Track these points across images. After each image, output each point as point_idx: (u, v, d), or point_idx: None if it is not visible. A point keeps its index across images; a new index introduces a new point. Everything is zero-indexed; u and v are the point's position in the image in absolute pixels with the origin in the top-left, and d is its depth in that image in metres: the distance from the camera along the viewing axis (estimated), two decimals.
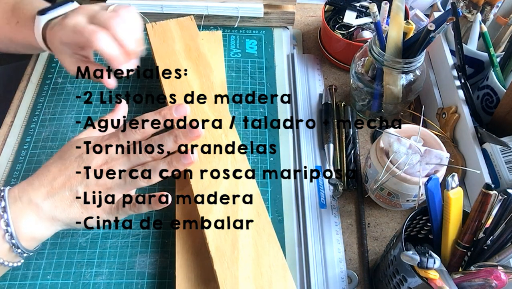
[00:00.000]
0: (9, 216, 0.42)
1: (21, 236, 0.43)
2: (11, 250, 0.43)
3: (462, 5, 0.62)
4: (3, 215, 0.42)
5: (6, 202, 0.43)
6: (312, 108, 0.65)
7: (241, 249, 0.46)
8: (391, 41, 0.54)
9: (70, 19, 0.51)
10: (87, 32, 0.49)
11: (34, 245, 0.45)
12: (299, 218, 0.55)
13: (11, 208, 0.43)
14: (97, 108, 0.63)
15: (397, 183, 0.49)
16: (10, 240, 0.42)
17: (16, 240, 0.42)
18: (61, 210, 0.44)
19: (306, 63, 0.71)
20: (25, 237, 0.43)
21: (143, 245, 0.52)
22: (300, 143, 0.61)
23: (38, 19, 0.54)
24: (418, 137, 0.49)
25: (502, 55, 0.58)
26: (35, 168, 0.57)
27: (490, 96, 0.57)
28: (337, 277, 0.51)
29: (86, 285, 0.49)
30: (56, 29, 0.53)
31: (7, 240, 0.42)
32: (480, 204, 0.39)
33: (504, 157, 0.51)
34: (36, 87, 0.66)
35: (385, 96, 0.59)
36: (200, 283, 0.47)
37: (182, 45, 0.62)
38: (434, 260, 0.38)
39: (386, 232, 0.55)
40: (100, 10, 0.52)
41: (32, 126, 0.61)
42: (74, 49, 0.54)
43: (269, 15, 0.72)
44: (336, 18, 0.71)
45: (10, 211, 0.43)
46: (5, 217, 0.42)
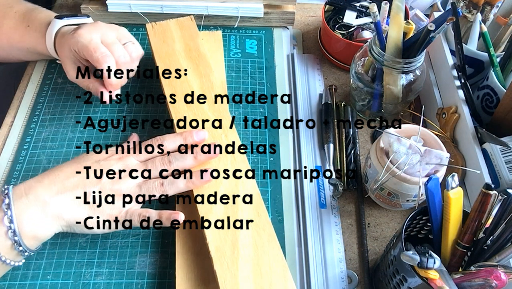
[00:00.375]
0: (12, 212, 0.43)
1: (24, 234, 0.44)
2: (13, 248, 0.44)
3: (462, 5, 0.62)
4: (6, 212, 0.43)
5: (11, 199, 0.44)
6: (312, 108, 0.65)
7: (241, 249, 0.46)
8: (391, 41, 0.54)
9: (87, 33, 0.55)
10: (99, 53, 0.54)
11: (35, 244, 0.46)
12: (299, 218, 0.55)
13: (15, 204, 0.44)
14: (97, 108, 0.63)
15: (397, 183, 0.49)
16: (13, 237, 0.43)
17: (18, 237, 0.43)
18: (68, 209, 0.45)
19: (306, 63, 0.71)
20: (27, 235, 0.44)
21: (143, 245, 0.52)
22: (300, 144, 0.61)
23: (54, 22, 0.58)
24: (418, 137, 0.49)
25: (502, 55, 0.58)
26: (35, 168, 0.57)
27: (490, 96, 0.57)
28: (337, 277, 0.51)
29: (86, 285, 0.49)
30: (68, 36, 0.56)
31: (10, 237, 0.43)
32: (480, 204, 0.39)
33: (504, 157, 0.51)
34: (36, 87, 0.66)
35: (385, 96, 0.59)
36: (200, 283, 0.47)
37: (182, 45, 0.62)
38: (434, 260, 0.38)
39: (386, 232, 0.55)
40: (115, 41, 0.57)
41: (32, 126, 0.61)
42: (79, 58, 0.57)
43: (269, 15, 0.72)
44: (336, 18, 0.71)
45: (14, 207, 0.43)
46: (8, 214, 0.43)
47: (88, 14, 0.65)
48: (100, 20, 0.59)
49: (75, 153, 0.59)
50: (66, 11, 0.77)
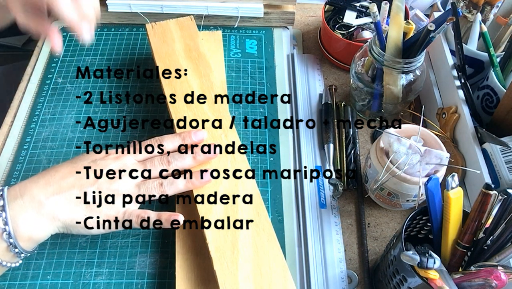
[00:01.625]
0: (7, 214, 0.42)
1: (19, 236, 0.43)
2: (9, 250, 0.43)
3: (462, 5, 0.62)
4: (1, 213, 0.42)
5: (5, 201, 0.43)
6: (312, 108, 0.65)
7: (241, 249, 0.46)
8: (391, 41, 0.54)
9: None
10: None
11: (31, 246, 0.45)
12: (299, 218, 0.55)
13: (10, 205, 0.43)
14: (97, 108, 0.63)
15: (397, 183, 0.49)
16: (8, 239, 0.42)
17: (14, 239, 0.42)
18: (64, 210, 0.44)
19: (306, 63, 0.71)
20: (23, 237, 0.43)
21: (143, 245, 0.52)
22: (300, 144, 0.61)
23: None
24: (418, 137, 0.49)
25: (502, 55, 0.58)
26: (35, 168, 0.57)
27: (490, 96, 0.57)
28: (337, 277, 0.51)
29: (86, 285, 0.49)
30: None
31: (5, 239, 0.42)
32: (480, 204, 0.39)
33: (504, 157, 0.51)
34: (36, 87, 0.66)
35: (385, 96, 0.59)
36: (200, 283, 0.47)
37: (182, 45, 0.62)
38: (434, 260, 0.38)
39: (386, 232, 0.55)
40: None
41: (32, 127, 0.61)
42: (28, 5, 0.49)
43: (269, 15, 0.72)
44: (336, 18, 0.71)
45: (9, 209, 0.43)
46: (3, 215, 0.42)
47: None
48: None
49: (75, 153, 0.59)
50: None
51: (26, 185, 0.45)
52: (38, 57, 0.69)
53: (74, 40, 0.71)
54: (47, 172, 0.46)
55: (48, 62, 0.69)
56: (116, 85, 0.66)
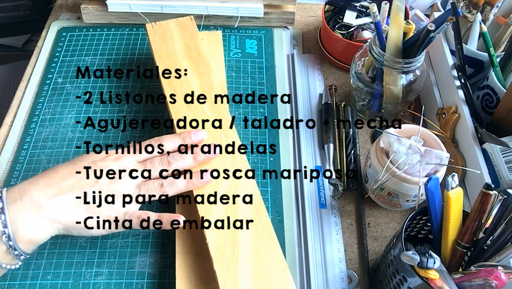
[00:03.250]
0: (6, 217, 0.42)
1: (18, 238, 0.43)
2: (8, 252, 0.43)
3: (462, 5, 0.62)
4: (0, 216, 0.42)
5: (4, 203, 0.43)
6: (312, 108, 0.65)
7: (241, 249, 0.46)
8: (391, 41, 0.54)
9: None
10: None
11: (31, 248, 0.45)
12: (299, 218, 0.55)
13: (9, 208, 0.43)
14: (97, 108, 0.63)
15: (397, 183, 0.49)
16: (7, 242, 0.42)
17: (13, 241, 0.42)
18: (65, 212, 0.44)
19: (306, 63, 0.71)
20: (22, 239, 0.43)
21: (143, 245, 0.52)
22: (300, 143, 0.61)
23: None
24: (418, 137, 0.49)
25: (502, 55, 0.58)
26: (35, 168, 0.57)
27: (490, 96, 0.57)
28: (337, 277, 0.51)
29: (86, 285, 0.49)
30: None
31: (4, 242, 0.42)
32: (480, 204, 0.39)
33: (504, 157, 0.51)
34: (36, 87, 0.66)
35: (385, 96, 0.59)
36: (200, 283, 0.47)
37: (182, 45, 0.62)
38: (434, 260, 0.38)
39: (386, 232, 0.55)
40: None
41: (32, 127, 0.61)
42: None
43: (269, 15, 0.72)
44: (336, 18, 0.71)
45: (8, 211, 0.42)
46: (2, 218, 0.42)
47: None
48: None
49: (75, 153, 0.59)
50: (65, 11, 0.77)
51: (25, 187, 0.44)
52: (38, 57, 0.69)
53: (74, 40, 0.71)
54: (46, 173, 0.46)
55: (48, 62, 0.69)
56: (116, 85, 0.66)
